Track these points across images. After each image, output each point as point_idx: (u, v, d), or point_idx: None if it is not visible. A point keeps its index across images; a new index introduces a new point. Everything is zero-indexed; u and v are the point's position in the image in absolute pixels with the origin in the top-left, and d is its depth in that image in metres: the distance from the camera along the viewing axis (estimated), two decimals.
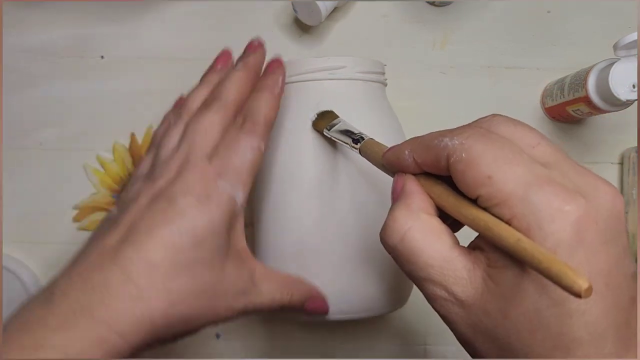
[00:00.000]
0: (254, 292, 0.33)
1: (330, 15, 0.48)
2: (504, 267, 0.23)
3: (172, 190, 0.31)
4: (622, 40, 0.39)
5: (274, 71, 0.36)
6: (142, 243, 0.29)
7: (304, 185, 0.38)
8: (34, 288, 0.47)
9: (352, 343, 0.49)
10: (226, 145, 0.33)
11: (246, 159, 0.33)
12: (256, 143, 0.33)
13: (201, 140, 0.33)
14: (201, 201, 0.31)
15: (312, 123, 0.38)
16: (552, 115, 0.49)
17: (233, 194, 0.32)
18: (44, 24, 0.50)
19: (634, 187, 0.47)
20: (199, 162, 0.32)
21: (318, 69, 0.39)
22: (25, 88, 0.49)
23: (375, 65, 0.41)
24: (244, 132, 0.33)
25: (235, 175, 0.32)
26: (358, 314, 0.38)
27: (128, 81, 0.49)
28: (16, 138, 0.49)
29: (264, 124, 0.34)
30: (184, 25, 0.50)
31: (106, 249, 0.29)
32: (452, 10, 0.50)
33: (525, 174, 0.23)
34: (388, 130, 0.40)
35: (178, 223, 0.30)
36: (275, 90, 0.35)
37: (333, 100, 0.38)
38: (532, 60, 0.49)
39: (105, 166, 0.49)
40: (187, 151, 0.33)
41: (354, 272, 0.37)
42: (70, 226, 0.49)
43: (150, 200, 0.31)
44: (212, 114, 0.34)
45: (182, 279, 0.29)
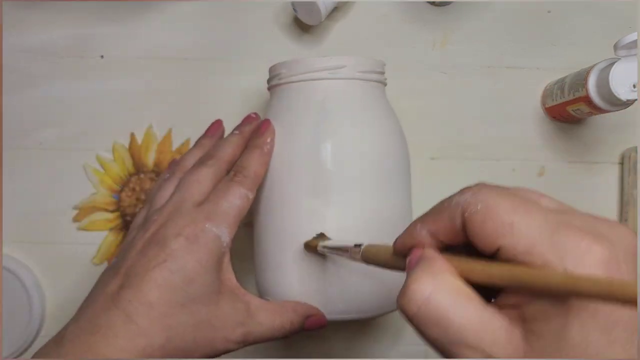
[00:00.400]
0: (252, 324, 0.35)
1: (330, 15, 0.48)
2: (545, 318, 0.22)
3: (164, 234, 0.34)
4: (622, 40, 0.39)
5: (264, 132, 0.39)
6: (139, 286, 0.32)
7: (302, 183, 0.38)
8: (34, 288, 0.47)
9: (352, 343, 0.49)
10: (216, 193, 0.36)
11: (234, 204, 0.36)
12: (244, 192, 0.36)
13: (193, 190, 0.37)
14: (190, 241, 0.34)
15: (304, 245, 0.37)
16: (552, 115, 0.48)
17: (219, 233, 0.35)
18: (44, 24, 0.50)
19: (634, 187, 0.47)
20: (190, 207, 0.36)
21: (319, 68, 0.39)
22: (26, 88, 0.49)
23: (376, 65, 0.41)
24: (234, 182, 0.37)
25: (222, 218, 0.35)
26: (357, 315, 0.38)
27: (128, 81, 0.49)
28: (16, 138, 0.49)
29: (253, 177, 0.37)
30: (184, 25, 0.50)
31: (108, 295, 0.33)
32: (452, 10, 0.50)
33: (546, 219, 0.22)
34: (387, 129, 0.40)
35: (169, 264, 0.33)
36: (265, 149, 0.38)
37: (335, 100, 0.38)
38: (532, 60, 0.49)
39: (105, 166, 0.49)
40: (179, 199, 0.36)
41: (353, 273, 0.37)
42: (70, 226, 0.49)
43: (144, 245, 0.34)
44: (206, 168, 0.38)
45: (179, 315, 0.32)
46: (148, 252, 0.34)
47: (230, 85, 0.49)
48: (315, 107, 0.38)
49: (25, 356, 0.48)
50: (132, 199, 0.49)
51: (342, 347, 0.49)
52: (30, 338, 0.47)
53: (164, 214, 0.36)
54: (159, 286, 0.32)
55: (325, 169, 0.37)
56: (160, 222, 0.35)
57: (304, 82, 0.39)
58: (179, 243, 0.33)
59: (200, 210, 0.35)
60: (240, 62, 0.49)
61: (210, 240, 0.34)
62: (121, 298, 0.32)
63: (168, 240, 0.34)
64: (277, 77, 0.41)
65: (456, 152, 0.49)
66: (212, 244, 0.34)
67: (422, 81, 0.49)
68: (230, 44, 0.50)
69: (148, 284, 0.32)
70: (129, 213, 0.49)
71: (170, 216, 0.35)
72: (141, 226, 0.37)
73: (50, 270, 0.49)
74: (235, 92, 0.49)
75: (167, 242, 0.34)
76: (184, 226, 0.34)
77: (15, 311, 0.47)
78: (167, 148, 0.49)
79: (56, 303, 0.48)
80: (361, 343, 0.49)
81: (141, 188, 0.49)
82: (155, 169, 0.49)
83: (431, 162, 0.49)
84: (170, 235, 0.34)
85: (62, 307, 0.48)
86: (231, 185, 0.36)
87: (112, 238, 0.49)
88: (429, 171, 0.49)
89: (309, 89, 0.39)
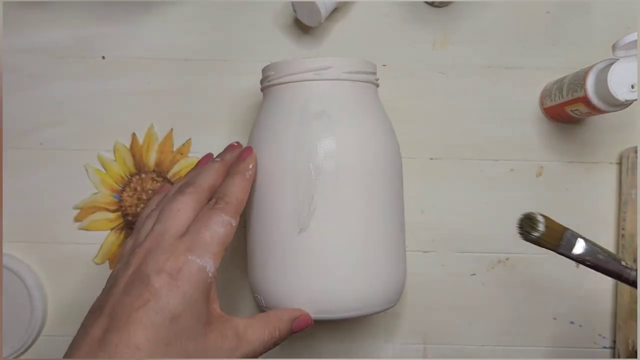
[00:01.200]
0: (243, 345, 0.35)
1: (330, 15, 0.48)
2: None
3: (145, 271, 0.33)
4: (621, 41, 0.39)
5: (245, 159, 0.39)
6: (124, 328, 0.31)
7: (286, 185, 0.38)
8: (36, 288, 0.47)
9: (351, 342, 0.49)
10: (198, 222, 0.35)
11: (217, 233, 0.35)
12: (227, 219, 0.36)
13: (173, 221, 0.35)
14: (173, 276, 0.33)
15: (536, 238, 0.36)
16: (551, 116, 0.49)
17: (203, 264, 0.34)
18: (46, 25, 0.50)
19: (632, 187, 0.47)
20: (171, 239, 0.35)
21: (304, 69, 0.39)
22: (27, 88, 0.49)
23: (365, 65, 0.40)
24: (216, 209, 0.36)
25: (205, 248, 0.34)
26: (348, 313, 0.38)
27: (129, 81, 0.49)
28: (17, 138, 0.49)
29: (235, 204, 0.37)
30: (185, 25, 0.50)
31: (95, 340, 0.32)
32: (452, 10, 0.50)
33: None
34: (375, 131, 0.40)
35: (154, 303, 0.32)
36: (247, 174, 0.38)
37: (320, 101, 0.38)
38: (532, 60, 0.50)
39: (106, 166, 0.49)
40: (160, 231, 0.35)
41: (338, 272, 0.38)
42: (71, 226, 0.49)
43: (127, 283, 0.33)
44: (185, 196, 0.37)
45: (168, 354, 0.32)
46: (131, 291, 0.33)
47: (231, 85, 0.49)
48: (298, 109, 0.39)
49: (26, 356, 0.48)
50: (133, 199, 0.49)
51: (342, 346, 0.49)
52: (32, 338, 0.47)
53: (145, 247, 0.35)
54: (145, 327, 0.31)
55: (307, 172, 0.37)
56: (141, 256, 0.34)
57: (291, 84, 0.39)
58: (162, 280, 0.33)
59: (182, 242, 0.34)
60: (240, 62, 0.49)
61: (194, 273, 0.33)
62: (107, 342, 0.31)
63: (150, 277, 0.33)
64: (267, 79, 0.41)
65: (455, 152, 0.49)
66: (196, 276, 0.33)
67: (422, 81, 0.50)
68: (230, 44, 0.50)
69: (133, 326, 0.31)
70: (130, 213, 0.49)
71: (151, 250, 0.34)
72: (125, 261, 0.36)
73: (51, 270, 0.49)
74: (236, 92, 0.49)
75: (150, 279, 0.33)
76: (165, 261, 0.33)
77: (17, 311, 0.47)
78: (168, 148, 0.49)
79: (57, 303, 0.49)
80: (360, 342, 0.49)
81: (142, 188, 0.49)
82: (156, 168, 0.49)
83: (430, 162, 0.49)
84: (152, 271, 0.33)
85: (64, 307, 0.49)
86: (213, 213, 0.36)
87: (113, 238, 0.49)
88: (429, 171, 0.49)
89: (294, 91, 0.39)
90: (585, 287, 0.49)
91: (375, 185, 0.39)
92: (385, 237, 0.39)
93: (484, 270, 0.49)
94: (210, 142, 0.49)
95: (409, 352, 0.49)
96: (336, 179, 0.37)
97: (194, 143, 0.49)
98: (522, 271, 0.49)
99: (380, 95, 0.42)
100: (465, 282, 0.49)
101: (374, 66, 0.42)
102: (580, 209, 0.49)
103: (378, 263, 0.39)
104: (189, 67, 0.50)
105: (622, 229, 0.48)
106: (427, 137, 0.49)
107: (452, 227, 0.49)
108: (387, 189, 0.39)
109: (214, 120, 0.49)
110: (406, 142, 0.49)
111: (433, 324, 0.49)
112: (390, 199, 0.40)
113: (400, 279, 0.41)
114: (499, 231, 0.49)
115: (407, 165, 0.49)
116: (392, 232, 0.40)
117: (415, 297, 0.49)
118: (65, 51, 0.50)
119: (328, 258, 0.37)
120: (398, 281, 0.41)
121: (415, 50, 0.50)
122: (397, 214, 0.41)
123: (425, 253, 0.49)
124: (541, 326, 0.49)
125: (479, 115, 0.49)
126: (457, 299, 0.49)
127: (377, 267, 0.38)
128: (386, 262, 0.39)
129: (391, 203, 0.40)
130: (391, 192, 0.40)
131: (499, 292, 0.49)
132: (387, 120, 0.41)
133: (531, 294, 0.49)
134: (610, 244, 0.49)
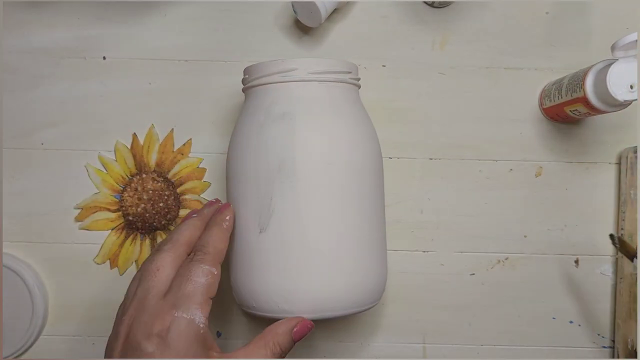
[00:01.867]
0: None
1: (330, 16, 0.48)
2: None
3: (135, 339, 0.33)
4: (620, 41, 0.39)
5: (222, 211, 0.40)
6: None
7: (249, 185, 0.38)
8: (36, 287, 0.47)
9: (351, 342, 0.49)
10: (179, 277, 0.36)
11: (199, 284, 0.35)
12: (207, 268, 0.36)
13: (153, 280, 0.36)
14: (163, 337, 0.33)
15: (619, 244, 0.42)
16: (550, 116, 0.49)
17: (191, 317, 0.34)
18: (47, 25, 0.50)
19: (631, 187, 0.47)
20: (155, 300, 0.35)
21: (271, 72, 0.39)
22: (28, 88, 0.49)
23: (335, 65, 0.40)
24: (195, 261, 0.36)
25: (190, 300, 0.34)
26: (325, 314, 0.38)
27: (130, 82, 0.50)
28: (19, 138, 0.49)
29: (214, 253, 0.37)
30: (185, 26, 0.50)
31: None
32: (452, 11, 0.50)
33: None
34: (347, 130, 0.39)
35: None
36: (224, 225, 0.39)
37: (284, 103, 0.39)
38: (531, 61, 0.50)
39: (107, 166, 0.49)
40: (143, 293, 0.35)
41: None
42: (72, 226, 0.49)
43: (121, 354, 0.34)
44: (163, 254, 0.37)
45: None
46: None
47: (231, 86, 0.49)
48: (263, 111, 0.39)
49: (26, 356, 0.48)
50: (133, 199, 0.49)
51: (341, 345, 0.49)
52: (32, 338, 0.47)
53: (129, 314, 0.35)
54: None
55: (266, 173, 0.38)
56: (128, 324, 0.35)
57: (260, 87, 0.40)
58: (153, 344, 0.33)
59: (166, 301, 0.34)
60: (241, 63, 0.50)
61: (184, 329, 0.33)
62: None
63: (141, 344, 0.33)
64: (243, 81, 0.42)
65: (454, 153, 0.49)
66: (186, 331, 0.33)
67: (421, 82, 0.50)
68: (231, 45, 0.50)
69: None
70: (130, 213, 0.49)
71: (137, 314, 0.35)
72: (115, 331, 0.36)
73: (52, 270, 0.49)
74: (236, 93, 0.49)
75: (141, 346, 0.33)
76: (152, 324, 0.33)
77: (17, 311, 0.47)
78: (169, 148, 0.49)
79: (58, 302, 0.49)
80: (360, 341, 0.49)
81: (143, 188, 0.49)
82: (157, 168, 0.49)
83: (430, 162, 0.49)
84: (142, 338, 0.33)
85: (64, 307, 0.49)
86: (192, 265, 0.36)
87: (114, 238, 0.49)
88: (428, 171, 0.49)
89: (262, 93, 0.40)
90: (584, 287, 0.49)
91: (341, 185, 0.38)
92: (355, 238, 0.39)
93: (484, 270, 0.49)
94: (211, 143, 0.49)
95: (408, 351, 0.49)
96: (295, 180, 0.37)
97: (194, 143, 0.49)
98: (521, 271, 0.49)
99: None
100: (464, 282, 0.49)
101: (349, 65, 0.41)
102: (579, 209, 0.49)
103: (343, 263, 0.38)
104: (189, 68, 0.50)
105: (622, 229, 0.48)
106: (427, 137, 0.49)
107: (451, 227, 0.49)
108: (357, 189, 0.39)
109: (215, 121, 0.49)
110: (406, 142, 0.49)
111: (433, 324, 0.49)
112: (362, 198, 0.39)
113: (374, 280, 0.40)
114: (498, 231, 0.49)
115: (407, 165, 0.49)
116: (364, 233, 0.39)
117: (415, 297, 0.49)
118: (65, 51, 0.50)
119: (287, 258, 0.38)
120: (371, 283, 0.40)
121: (415, 51, 0.50)
122: (371, 214, 0.40)
123: (425, 253, 0.49)
124: (541, 326, 0.49)
125: (479, 116, 0.50)
126: (457, 299, 0.49)
127: (342, 267, 0.38)
128: (354, 261, 0.39)
129: (360, 202, 0.39)
130: (361, 191, 0.39)
131: (498, 291, 0.49)
132: (363, 119, 0.41)
133: (530, 294, 0.49)
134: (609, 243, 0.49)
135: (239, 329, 0.49)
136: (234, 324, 0.49)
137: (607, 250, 0.49)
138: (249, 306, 0.40)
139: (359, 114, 0.41)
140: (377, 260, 0.40)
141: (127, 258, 0.49)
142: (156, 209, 0.49)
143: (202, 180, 0.49)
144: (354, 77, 0.42)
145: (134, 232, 0.49)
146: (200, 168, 0.49)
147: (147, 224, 0.49)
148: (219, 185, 0.49)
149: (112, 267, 0.49)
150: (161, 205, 0.49)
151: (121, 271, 0.49)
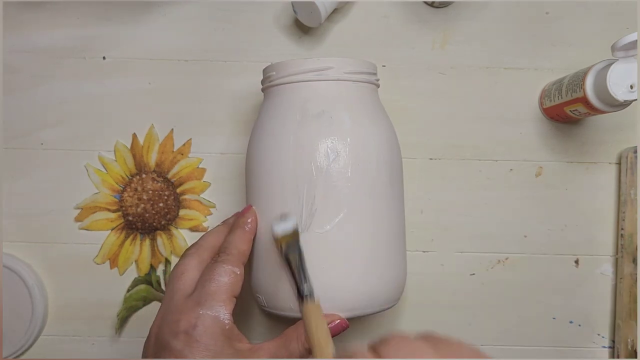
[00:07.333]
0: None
1: (330, 16, 0.48)
2: None
3: (164, 338, 0.35)
4: (620, 41, 0.39)
5: (244, 214, 0.40)
6: None
7: (286, 186, 0.38)
8: (36, 288, 0.47)
9: (351, 342, 0.49)
10: (202, 278, 0.37)
11: (222, 282, 0.36)
12: (229, 268, 0.37)
13: (180, 282, 0.37)
14: (189, 334, 0.34)
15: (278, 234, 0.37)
16: (550, 116, 0.49)
17: (215, 314, 0.35)
18: (47, 25, 0.50)
19: (631, 187, 0.47)
20: (180, 300, 0.36)
21: (305, 70, 0.39)
22: (28, 88, 0.49)
23: (365, 66, 0.41)
24: (218, 262, 0.38)
25: (213, 298, 0.36)
26: (349, 313, 0.38)
27: (130, 82, 0.50)
28: (18, 138, 0.49)
29: (236, 254, 0.38)
30: (185, 26, 0.50)
31: None
32: (452, 10, 0.50)
33: None
34: (378, 131, 0.40)
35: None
36: (247, 227, 0.40)
37: (320, 101, 0.39)
38: (531, 60, 0.50)
39: (107, 166, 0.49)
40: (169, 295, 0.37)
41: (341, 271, 0.38)
42: (72, 226, 0.49)
43: (154, 354, 0.35)
44: (187, 258, 0.39)
45: None
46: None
47: (231, 86, 0.49)
48: (298, 109, 0.39)
49: (26, 356, 0.48)
50: (133, 199, 0.49)
51: (341, 345, 0.49)
52: (32, 338, 0.47)
53: (159, 315, 0.37)
54: None
55: (308, 172, 0.38)
56: (157, 324, 0.37)
57: (291, 84, 0.39)
58: (181, 341, 0.34)
59: (190, 300, 0.36)
60: (241, 63, 0.50)
61: (210, 325, 0.35)
62: None
63: (170, 342, 0.34)
64: (268, 79, 0.41)
65: (455, 153, 0.49)
66: (212, 327, 0.35)
67: (421, 82, 0.50)
68: (231, 45, 0.50)
69: None
70: (130, 213, 0.49)
71: (164, 315, 0.36)
72: (149, 331, 0.37)
73: (52, 270, 0.49)
74: (236, 93, 0.49)
75: (170, 344, 0.34)
76: (178, 321, 0.35)
77: (17, 311, 0.47)
78: (169, 148, 0.49)
79: (58, 303, 0.49)
80: (360, 342, 0.49)
81: (143, 188, 0.49)
82: (156, 169, 0.49)
83: (430, 162, 0.49)
84: (169, 336, 0.35)
85: (64, 307, 0.49)
86: (215, 266, 0.37)
87: (114, 238, 0.49)
88: (428, 171, 0.49)
89: (294, 91, 0.39)
90: (584, 287, 0.49)
91: (377, 185, 0.39)
92: (387, 236, 0.39)
93: (484, 270, 0.49)
94: (211, 143, 0.49)
95: None
96: (337, 180, 0.37)
97: (194, 143, 0.49)
98: (521, 271, 0.49)
99: (380, 95, 0.43)
100: (464, 282, 0.49)
101: (374, 66, 0.42)
102: (579, 209, 0.49)
103: (379, 262, 0.39)
104: (189, 68, 0.50)
105: (622, 229, 0.48)
106: (427, 137, 0.49)
107: (451, 227, 0.49)
108: (388, 189, 0.40)
109: (215, 121, 0.49)
110: (406, 142, 0.49)
111: (433, 324, 0.49)
112: (392, 198, 0.40)
113: (401, 278, 0.41)
114: (498, 231, 0.49)
115: (407, 165, 0.49)
116: (394, 231, 0.40)
117: (415, 297, 0.49)
118: (65, 51, 0.50)
119: (328, 258, 0.37)
120: (400, 280, 0.41)
121: (415, 51, 0.50)
122: (398, 213, 0.41)
123: (425, 253, 0.49)
124: (541, 326, 0.49)
125: (479, 115, 0.50)
126: (456, 299, 0.49)
127: (378, 267, 0.39)
128: (388, 261, 0.39)
129: (393, 202, 0.40)
130: (392, 191, 0.40)
131: (498, 291, 0.49)
132: (387, 120, 0.42)
133: (530, 294, 0.49)
134: (609, 243, 0.49)
135: (262, 332, 0.49)
136: (255, 326, 0.49)
137: (607, 250, 0.49)
138: (284, 308, 0.39)
139: (384, 113, 0.42)
140: (403, 257, 0.41)
141: (127, 258, 0.49)
142: (156, 209, 0.49)
143: (201, 181, 0.49)
144: (377, 77, 0.42)
145: (134, 232, 0.49)
146: (200, 168, 0.49)
147: (147, 224, 0.49)
148: (219, 185, 0.49)
149: (112, 267, 0.49)
150: (161, 205, 0.49)
151: (121, 271, 0.49)
